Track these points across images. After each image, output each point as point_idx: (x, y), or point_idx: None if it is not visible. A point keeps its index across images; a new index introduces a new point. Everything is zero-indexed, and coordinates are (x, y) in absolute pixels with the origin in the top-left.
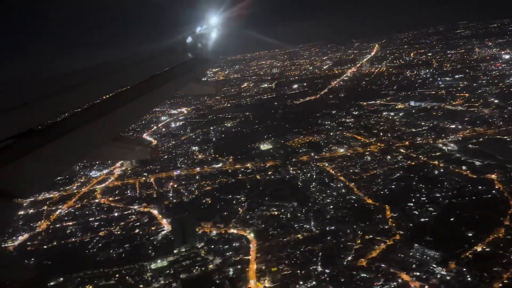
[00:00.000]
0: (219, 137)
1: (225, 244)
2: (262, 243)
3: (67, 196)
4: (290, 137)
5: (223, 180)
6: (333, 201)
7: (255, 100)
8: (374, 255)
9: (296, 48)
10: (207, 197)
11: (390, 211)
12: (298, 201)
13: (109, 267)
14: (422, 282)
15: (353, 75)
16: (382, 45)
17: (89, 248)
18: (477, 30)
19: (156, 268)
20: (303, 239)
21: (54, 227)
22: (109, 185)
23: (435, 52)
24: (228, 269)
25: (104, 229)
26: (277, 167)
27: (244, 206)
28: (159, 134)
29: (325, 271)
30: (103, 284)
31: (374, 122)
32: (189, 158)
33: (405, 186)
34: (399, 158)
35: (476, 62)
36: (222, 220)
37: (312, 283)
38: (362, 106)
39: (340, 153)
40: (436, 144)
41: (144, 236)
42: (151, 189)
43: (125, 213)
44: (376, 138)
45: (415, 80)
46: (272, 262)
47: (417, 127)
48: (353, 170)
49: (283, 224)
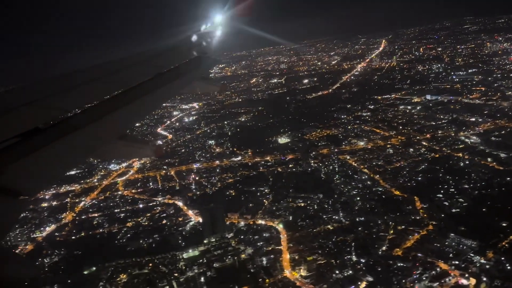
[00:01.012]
0: (234, 131)
1: (255, 235)
2: (292, 233)
3: (89, 189)
4: (307, 131)
5: (244, 173)
6: (360, 193)
7: (266, 95)
8: (409, 245)
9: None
10: (230, 189)
11: (419, 202)
12: (324, 193)
13: (141, 257)
14: (462, 270)
15: (363, 70)
16: (389, 41)
17: (118, 239)
18: (484, 25)
19: (188, 258)
20: (334, 230)
21: (80, 218)
22: (130, 178)
23: (445, 47)
24: (261, 259)
25: (131, 220)
26: (297, 160)
27: (269, 198)
28: (173, 128)
29: (360, 260)
30: (137, 273)
31: (392, 115)
32: (207, 152)
33: (432, 178)
34: (422, 151)
35: (488, 56)
36: (248, 212)
37: (348, 272)
38: (377, 100)
39: (360, 146)
40: (458, 136)
41: (172, 227)
42: (173, 182)
43: (150, 205)
44: (396, 131)
45: (428, 75)
46: (305, 252)
47: (437, 120)
48: (376, 163)
49: (311, 215)
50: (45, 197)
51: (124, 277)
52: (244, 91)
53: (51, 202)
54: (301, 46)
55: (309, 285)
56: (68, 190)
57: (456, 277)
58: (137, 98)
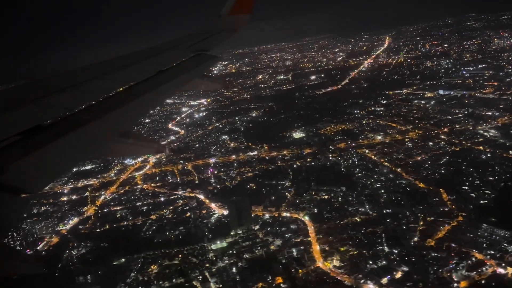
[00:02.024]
0: (247, 126)
1: (282, 227)
2: (320, 225)
3: (108, 183)
4: (321, 126)
5: (262, 167)
6: (383, 186)
7: (274, 91)
8: (441, 236)
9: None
10: (250, 182)
11: (446, 194)
12: (346, 186)
13: (169, 248)
14: (498, 260)
15: (371, 66)
16: (393, 37)
17: (144, 231)
18: (488, 22)
19: (216, 249)
20: (362, 222)
21: (103, 211)
22: (148, 172)
23: (451, 43)
24: (291, 250)
25: (155, 213)
26: (315, 154)
27: (290, 191)
28: (184, 124)
29: (392, 251)
30: (167, 263)
31: (406, 110)
32: (222, 147)
33: (455, 171)
34: (442, 144)
35: (496, 52)
36: (272, 204)
37: (382, 263)
38: (389, 95)
39: (378, 140)
40: (476, 130)
41: (197, 219)
42: (191, 176)
43: (171, 198)
44: (412, 126)
45: (437, 70)
46: (335, 243)
47: (453, 114)
48: (397, 156)
49: (336, 208)
50: (63, 191)
51: (155, 268)
52: (251, 87)
53: (71, 196)
54: (303, 44)
55: (343, 275)
56: (86, 185)
57: (492, 266)
58: (139, 95)
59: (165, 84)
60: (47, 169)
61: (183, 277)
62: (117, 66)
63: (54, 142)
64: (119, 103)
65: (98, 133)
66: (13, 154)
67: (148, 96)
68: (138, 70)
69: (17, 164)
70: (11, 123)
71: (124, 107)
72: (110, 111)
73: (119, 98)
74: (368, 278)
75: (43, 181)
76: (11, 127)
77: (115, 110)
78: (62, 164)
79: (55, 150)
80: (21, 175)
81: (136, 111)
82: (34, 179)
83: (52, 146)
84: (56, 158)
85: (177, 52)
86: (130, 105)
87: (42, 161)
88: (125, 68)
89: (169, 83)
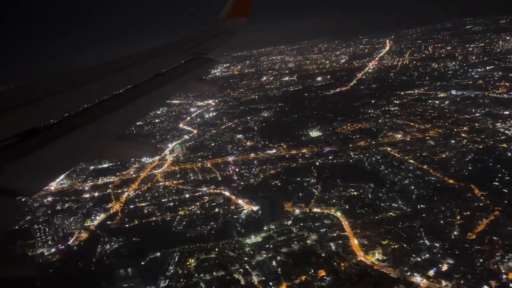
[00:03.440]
0: (260, 126)
1: (315, 222)
2: (354, 220)
3: (128, 180)
4: (337, 125)
5: (284, 164)
6: (413, 182)
7: (282, 92)
8: (481, 229)
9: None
10: (274, 179)
11: (478, 190)
12: (374, 182)
13: (203, 242)
14: None
15: (376, 68)
16: (393, 40)
17: (174, 226)
18: (487, 26)
19: (252, 243)
20: (397, 217)
21: (129, 207)
22: (167, 170)
23: (454, 46)
24: (328, 244)
25: (182, 209)
26: (336, 152)
27: (317, 187)
28: (195, 124)
29: (434, 244)
30: (204, 257)
31: (422, 109)
32: (238, 145)
33: (483, 167)
34: (465, 142)
35: (502, 54)
36: (300, 200)
37: (425, 256)
38: (401, 96)
39: (398, 138)
40: (497, 128)
41: (227, 215)
42: (213, 173)
43: (196, 195)
44: (431, 124)
45: (445, 72)
46: (373, 238)
47: (470, 114)
48: (421, 154)
49: (368, 203)
50: (84, 189)
51: (192, 261)
52: (258, 88)
53: (93, 193)
54: (302, 46)
55: (388, 268)
56: (106, 182)
57: None
58: (136, 98)
59: (162, 87)
60: (43, 172)
61: (223, 270)
62: (114, 69)
63: (50, 145)
64: (115, 106)
65: (94, 136)
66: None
67: (145, 99)
68: (135, 72)
69: (12, 167)
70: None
71: (120, 109)
72: (107, 113)
73: (115, 101)
74: (414, 271)
75: (39, 183)
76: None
77: (112, 113)
78: (58, 166)
79: (51, 153)
80: (16, 177)
81: (133, 114)
82: (29, 181)
83: (48, 148)
84: (51, 160)
85: (175, 54)
86: (127, 108)
87: (38, 163)
88: (122, 70)
89: (166, 86)
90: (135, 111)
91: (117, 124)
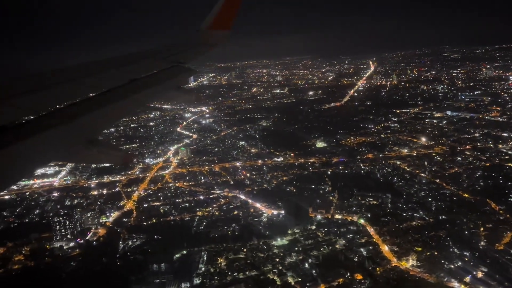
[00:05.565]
0: (261, 134)
1: (340, 228)
2: (379, 228)
3: (135, 180)
4: (341, 137)
5: (295, 172)
6: (429, 194)
7: (276, 103)
8: (508, 241)
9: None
10: (289, 186)
11: (495, 204)
12: (391, 193)
13: (228, 243)
14: None
15: (367, 86)
16: (377, 62)
17: (195, 226)
18: (463, 54)
19: (279, 245)
20: (421, 226)
21: (143, 206)
22: (175, 171)
23: (438, 71)
24: (359, 249)
25: (199, 210)
26: (345, 163)
27: (334, 195)
28: (193, 129)
29: (464, 253)
30: (233, 257)
31: (421, 127)
32: (243, 152)
33: (494, 184)
34: (471, 159)
35: (487, 81)
36: (320, 207)
37: (458, 263)
38: (398, 114)
39: (405, 152)
40: (499, 148)
41: (248, 217)
42: (223, 177)
43: (211, 197)
44: (434, 141)
45: (435, 94)
46: (404, 245)
47: (470, 134)
48: (431, 168)
49: (390, 213)
50: (90, 186)
51: (222, 261)
52: (250, 99)
53: (101, 191)
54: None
55: (424, 274)
56: (112, 181)
57: None
58: (110, 103)
59: (138, 93)
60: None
61: (255, 270)
62: (90, 71)
63: (18, 144)
64: (88, 109)
65: (64, 138)
66: None
67: (119, 104)
68: (111, 77)
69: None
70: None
71: (93, 113)
72: (78, 116)
73: (88, 104)
74: (451, 276)
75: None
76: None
77: (83, 116)
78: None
79: (19, 152)
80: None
81: (106, 118)
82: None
83: (15, 147)
84: (19, 160)
85: (153, 62)
86: (100, 112)
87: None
88: (97, 73)
89: (142, 92)
90: (109, 115)
91: (90, 128)
